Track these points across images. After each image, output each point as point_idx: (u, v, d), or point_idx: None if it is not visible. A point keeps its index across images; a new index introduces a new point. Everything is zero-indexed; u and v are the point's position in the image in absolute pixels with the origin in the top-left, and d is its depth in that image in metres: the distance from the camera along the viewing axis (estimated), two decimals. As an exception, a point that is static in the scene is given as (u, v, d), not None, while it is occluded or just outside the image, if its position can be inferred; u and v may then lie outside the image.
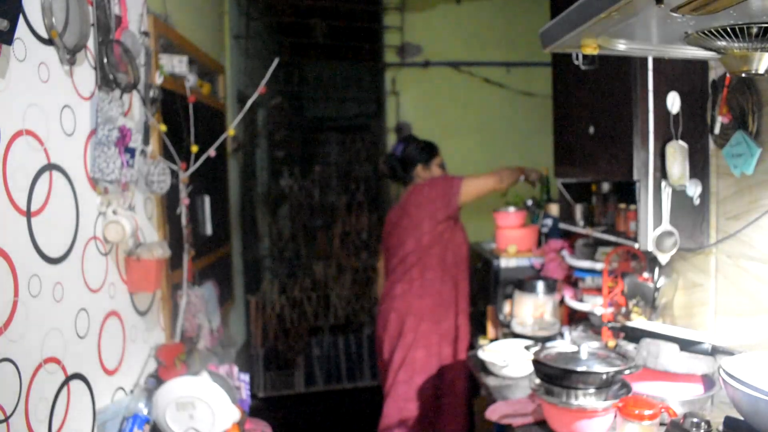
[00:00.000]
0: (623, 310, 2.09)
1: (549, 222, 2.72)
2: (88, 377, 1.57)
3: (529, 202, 2.93)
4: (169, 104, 2.29)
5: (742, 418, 1.24)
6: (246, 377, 2.14)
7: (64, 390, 1.45)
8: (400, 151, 2.99)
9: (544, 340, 2.22)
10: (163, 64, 2.19)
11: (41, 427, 1.34)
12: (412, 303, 2.86)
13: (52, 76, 1.44)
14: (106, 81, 1.70)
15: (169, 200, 2.26)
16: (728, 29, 1.04)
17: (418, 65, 4.29)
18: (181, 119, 2.38)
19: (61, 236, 1.47)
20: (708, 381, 1.58)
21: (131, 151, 1.80)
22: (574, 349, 1.64)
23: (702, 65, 1.79)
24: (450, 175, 2.98)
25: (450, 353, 2.87)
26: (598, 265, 2.20)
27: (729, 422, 1.27)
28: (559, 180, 2.42)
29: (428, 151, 2.98)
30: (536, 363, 1.60)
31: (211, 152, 2.33)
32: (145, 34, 2.05)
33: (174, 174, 2.21)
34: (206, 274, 2.80)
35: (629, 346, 1.76)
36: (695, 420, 1.22)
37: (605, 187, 2.23)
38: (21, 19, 1.29)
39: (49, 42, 1.42)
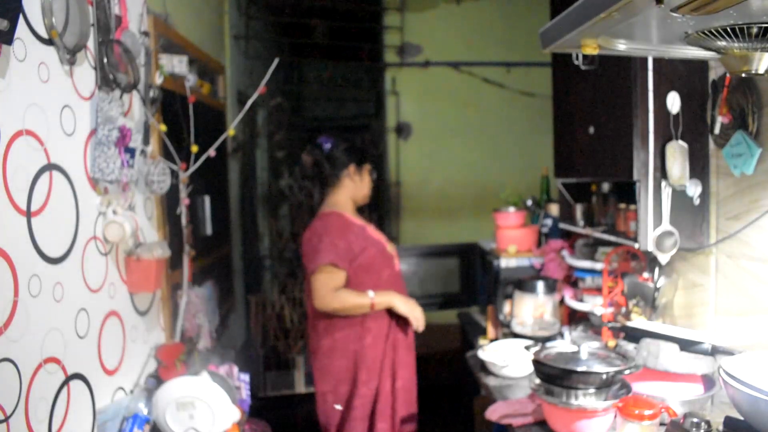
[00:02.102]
0: (623, 310, 2.08)
1: (549, 222, 2.72)
2: (88, 377, 1.57)
3: (529, 202, 2.93)
4: (169, 104, 2.29)
5: (742, 418, 1.24)
6: (246, 377, 2.13)
7: (64, 390, 1.45)
8: (328, 146, 2.45)
9: (544, 340, 2.22)
10: (163, 64, 2.19)
11: (41, 427, 1.34)
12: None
13: (52, 76, 1.44)
14: (106, 81, 1.69)
15: (169, 200, 2.26)
16: (728, 29, 1.04)
17: (418, 65, 4.30)
18: (181, 119, 2.37)
19: (61, 236, 1.47)
20: (708, 381, 1.58)
21: (131, 151, 1.80)
22: (574, 349, 1.64)
23: (702, 65, 1.79)
24: (336, 227, 2.35)
25: None
26: (598, 265, 2.20)
27: (729, 422, 1.27)
28: (559, 180, 2.42)
29: (360, 153, 2.50)
30: (536, 363, 1.60)
31: (211, 152, 2.33)
32: (145, 34, 2.05)
33: (174, 174, 2.21)
34: (206, 274, 2.79)
35: (629, 346, 1.75)
36: (695, 420, 1.22)
37: (605, 187, 2.23)
38: (21, 19, 1.29)
39: (49, 42, 1.42)
